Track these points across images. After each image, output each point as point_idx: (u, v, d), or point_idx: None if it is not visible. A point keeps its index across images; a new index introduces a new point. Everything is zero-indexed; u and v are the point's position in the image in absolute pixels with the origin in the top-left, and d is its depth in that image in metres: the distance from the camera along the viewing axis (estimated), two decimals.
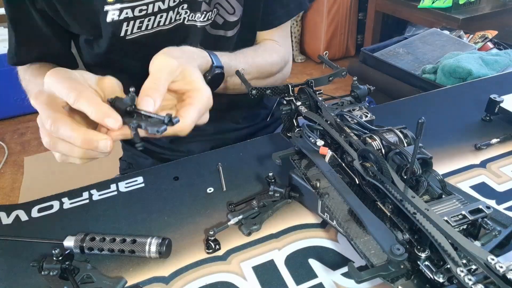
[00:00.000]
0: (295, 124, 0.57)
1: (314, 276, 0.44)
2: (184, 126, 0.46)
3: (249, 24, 0.75)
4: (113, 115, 0.42)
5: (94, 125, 0.45)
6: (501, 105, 0.66)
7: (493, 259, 0.32)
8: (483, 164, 0.59)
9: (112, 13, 0.60)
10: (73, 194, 0.58)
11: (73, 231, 0.51)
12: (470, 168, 0.58)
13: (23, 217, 0.55)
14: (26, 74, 0.68)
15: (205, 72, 0.57)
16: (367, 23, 2.78)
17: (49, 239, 0.50)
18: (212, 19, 0.68)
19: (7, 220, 0.54)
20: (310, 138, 0.49)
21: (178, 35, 0.67)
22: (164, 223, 0.52)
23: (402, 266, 0.36)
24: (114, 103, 0.44)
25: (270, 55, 0.74)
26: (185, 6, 0.64)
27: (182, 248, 0.48)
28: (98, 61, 0.71)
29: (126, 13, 0.60)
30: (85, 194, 0.58)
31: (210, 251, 0.47)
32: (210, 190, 0.57)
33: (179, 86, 0.49)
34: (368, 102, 0.59)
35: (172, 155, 0.82)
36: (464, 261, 0.35)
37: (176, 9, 0.64)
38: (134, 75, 0.71)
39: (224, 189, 0.57)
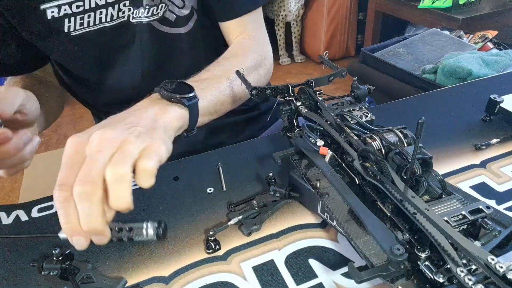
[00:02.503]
0: (295, 124, 0.57)
1: (314, 276, 0.44)
2: None
3: (208, 14, 0.72)
4: None
5: None
6: (501, 105, 0.66)
7: (493, 259, 0.32)
8: (483, 164, 0.59)
9: (51, 10, 0.61)
10: None
11: None
12: (470, 168, 0.58)
13: (23, 217, 0.55)
14: None
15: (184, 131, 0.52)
16: (367, 23, 2.78)
17: (46, 234, 0.50)
18: (160, 14, 0.67)
19: (7, 220, 0.54)
20: (310, 138, 0.49)
21: (124, 33, 0.67)
22: None
23: (402, 266, 0.36)
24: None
25: (244, 59, 0.66)
26: (127, 2, 0.64)
27: (182, 248, 0.48)
28: (56, 69, 0.73)
29: (65, 10, 0.61)
30: None
31: (210, 251, 0.47)
32: (210, 190, 0.57)
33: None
34: (368, 102, 0.59)
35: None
36: (464, 261, 0.35)
37: (116, 5, 0.64)
38: (89, 76, 0.72)
39: (224, 189, 0.57)
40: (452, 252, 0.34)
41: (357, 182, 0.46)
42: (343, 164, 0.48)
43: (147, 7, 0.66)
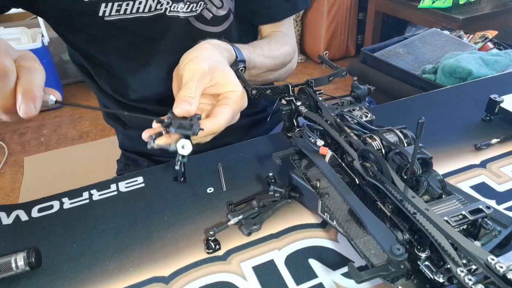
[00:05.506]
0: (295, 124, 0.57)
1: (314, 276, 0.44)
2: (218, 125, 0.47)
3: (245, 17, 0.75)
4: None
5: None
6: (501, 105, 0.66)
7: (493, 259, 0.32)
8: (483, 164, 0.59)
9: None
10: (73, 194, 0.58)
11: (73, 231, 0.51)
12: (470, 168, 0.58)
13: (23, 217, 0.55)
14: None
15: (230, 65, 0.57)
16: (367, 23, 2.78)
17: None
18: (198, 11, 0.68)
19: (7, 220, 0.54)
20: (310, 138, 0.49)
21: (158, 25, 0.67)
22: (164, 223, 0.52)
23: (402, 266, 0.36)
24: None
25: (282, 46, 0.75)
26: None
27: (182, 248, 0.48)
28: (81, 48, 0.72)
29: None
30: (85, 194, 0.58)
31: (210, 251, 0.47)
32: (210, 190, 0.57)
33: (214, 90, 0.50)
34: (368, 102, 0.59)
35: (168, 159, 0.82)
36: (464, 261, 0.35)
37: None
38: (115, 64, 0.72)
39: (224, 189, 0.57)
40: (452, 252, 0.34)
41: (357, 182, 0.46)
42: (343, 164, 0.48)
43: (188, 3, 0.66)
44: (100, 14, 0.63)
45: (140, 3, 0.64)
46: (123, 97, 0.78)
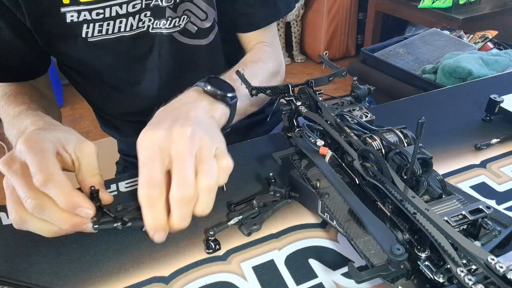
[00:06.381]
0: (295, 124, 0.57)
1: (314, 276, 0.44)
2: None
3: (227, 27, 0.74)
4: (85, 204, 0.43)
5: None
6: (501, 105, 0.66)
7: (493, 259, 0.32)
8: (483, 164, 0.59)
9: (70, 14, 0.60)
10: None
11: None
12: (470, 168, 0.58)
13: None
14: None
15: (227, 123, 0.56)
16: (367, 23, 2.78)
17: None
18: (182, 26, 0.67)
19: (7, 220, 0.54)
20: (310, 138, 0.49)
21: (143, 43, 0.67)
22: None
23: (402, 266, 0.36)
24: (95, 195, 0.47)
25: (267, 64, 0.72)
26: (148, 13, 0.64)
27: (182, 248, 0.48)
28: (69, 69, 0.72)
29: (84, 15, 0.61)
30: None
31: (210, 251, 0.47)
32: None
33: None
34: (368, 102, 0.59)
35: None
36: (464, 261, 0.35)
37: (137, 16, 0.63)
38: (105, 83, 0.72)
39: (224, 189, 0.57)
40: (452, 252, 0.34)
41: (357, 182, 0.46)
42: (343, 164, 0.48)
43: (170, 18, 0.66)
44: (83, 35, 0.63)
45: (121, 22, 0.63)
46: (111, 111, 0.78)
